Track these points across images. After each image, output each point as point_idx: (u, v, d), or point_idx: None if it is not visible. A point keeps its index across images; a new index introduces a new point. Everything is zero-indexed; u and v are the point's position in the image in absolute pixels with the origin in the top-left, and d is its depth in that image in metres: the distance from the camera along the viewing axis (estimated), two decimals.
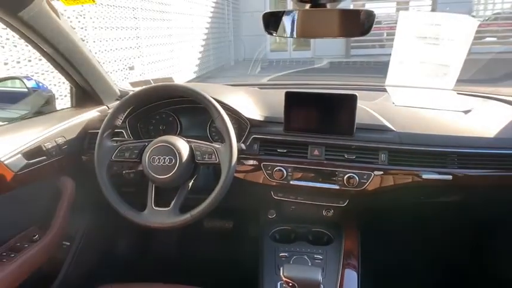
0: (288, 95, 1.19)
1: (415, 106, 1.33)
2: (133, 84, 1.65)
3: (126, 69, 5.56)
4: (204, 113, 1.17)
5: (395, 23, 1.49)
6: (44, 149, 1.19)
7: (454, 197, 1.29)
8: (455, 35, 1.39)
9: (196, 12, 8.51)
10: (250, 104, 1.31)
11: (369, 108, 1.27)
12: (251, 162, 1.23)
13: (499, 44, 9.79)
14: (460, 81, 1.46)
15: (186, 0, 7.90)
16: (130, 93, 1.16)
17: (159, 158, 1.08)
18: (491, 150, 1.15)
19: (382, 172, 1.16)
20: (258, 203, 1.42)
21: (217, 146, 1.10)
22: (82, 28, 4.54)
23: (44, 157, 1.19)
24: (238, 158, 1.16)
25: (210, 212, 1.08)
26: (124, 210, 1.09)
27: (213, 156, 1.09)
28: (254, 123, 1.25)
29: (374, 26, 0.93)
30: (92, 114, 1.43)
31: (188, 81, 8.00)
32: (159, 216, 1.08)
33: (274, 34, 1.04)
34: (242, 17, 11.57)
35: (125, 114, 1.17)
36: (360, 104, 1.18)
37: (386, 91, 1.50)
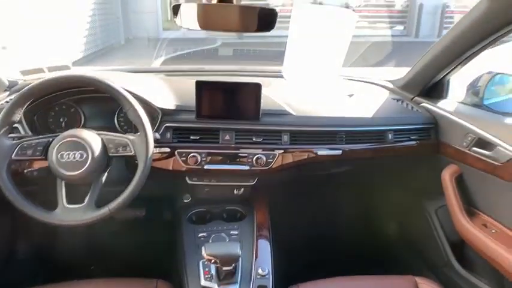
0: (199, 84, 1.24)
1: (309, 92, 1.51)
2: (24, 72, 1.49)
3: None
4: (109, 102, 1.15)
5: (283, 6, 1.63)
6: None
7: (343, 168, 1.52)
8: (340, 27, 1.59)
9: None
10: (160, 93, 1.32)
11: (271, 95, 1.40)
12: (165, 150, 1.26)
13: (369, 29, 11.21)
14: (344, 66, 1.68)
15: None
16: (30, 85, 1.06)
17: (68, 154, 1.03)
18: (370, 128, 1.39)
19: (285, 151, 1.30)
20: (172, 188, 1.46)
21: (132, 137, 1.10)
22: None
23: None
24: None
25: None
26: (32, 211, 1.03)
27: (128, 148, 1.09)
28: (166, 112, 1.27)
29: None
30: None
31: (75, 62, 7.28)
32: (73, 214, 1.05)
33: (180, 25, 1.07)
34: None
35: (23, 109, 1.08)
36: (264, 92, 1.29)
37: (284, 77, 1.64)
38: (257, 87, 1.26)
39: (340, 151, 1.34)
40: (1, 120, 1.04)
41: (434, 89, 1.51)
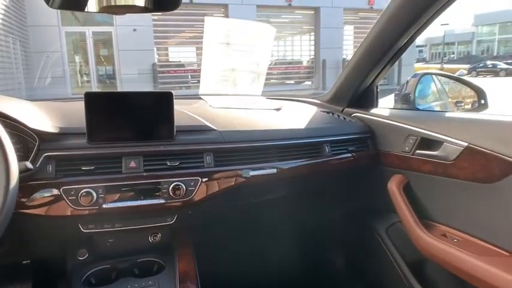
0: (89, 97, 0.96)
1: (231, 107, 1.31)
2: None
3: None
4: None
5: (198, 67, 1.50)
6: None
7: (279, 193, 1.30)
8: (258, 41, 1.46)
9: None
10: (37, 115, 1.01)
11: (187, 111, 1.16)
12: (46, 189, 0.92)
13: (278, 85, 12.13)
14: None
15: None
16: None
17: None
18: (304, 140, 1.21)
19: (209, 175, 1.04)
20: (61, 243, 1.08)
21: None
22: None
23: None
24: (28, 187, 0.87)
25: None
26: None
27: None
28: (45, 137, 0.94)
29: (179, 69, 0.83)
30: None
31: None
32: None
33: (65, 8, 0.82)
34: (34, 57, 10.11)
35: None
36: (177, 108, 1.05)
37: (202, 99, 1.44)
38: (167, 96, 1.01)
39: (275, 169, 1.12)
40: None
41: (364, 98, 1.42)
